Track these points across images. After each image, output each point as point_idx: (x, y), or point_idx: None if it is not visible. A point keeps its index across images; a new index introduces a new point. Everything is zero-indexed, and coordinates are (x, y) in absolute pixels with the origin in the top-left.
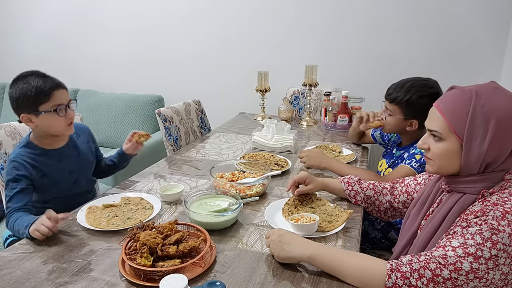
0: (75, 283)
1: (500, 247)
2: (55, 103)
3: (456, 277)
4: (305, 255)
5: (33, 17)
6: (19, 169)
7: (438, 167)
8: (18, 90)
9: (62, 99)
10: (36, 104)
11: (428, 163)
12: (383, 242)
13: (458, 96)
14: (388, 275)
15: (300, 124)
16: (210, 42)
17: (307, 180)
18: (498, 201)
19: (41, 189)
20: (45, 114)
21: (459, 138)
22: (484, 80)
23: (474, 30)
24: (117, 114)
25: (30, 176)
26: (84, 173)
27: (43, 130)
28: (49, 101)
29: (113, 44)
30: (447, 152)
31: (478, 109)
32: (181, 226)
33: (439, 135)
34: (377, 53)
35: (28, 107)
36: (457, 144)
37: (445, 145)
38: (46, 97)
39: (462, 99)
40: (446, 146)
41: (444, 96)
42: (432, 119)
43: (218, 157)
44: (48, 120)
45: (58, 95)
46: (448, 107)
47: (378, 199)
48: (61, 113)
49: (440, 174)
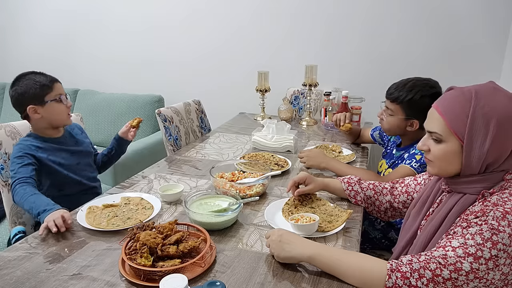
0: (75, 283)
1: (500, 247)
2: (57, 93)
3: (456, 277)
4: (305, 255)
5: (33, 17)
6: (24, 149)
7: (439, 168)
8: (22, 86)
9: (61, 90)
10: (42, 95)
11: (429, 165)
12: (383, 242)
13: (457, 97)
14: (388, 275)
15: (300, 124)
16: (210, 42)
17: (307, 180)
18: (498, 201)
19: (51, 172)
20: (50, 103)
21: (459, 139)
22: (484, 80)
23: (474, 30)
24: (117, 114)
25: (35, 155)
26: (85, 157)
27: (47, 120)
28: (52, 91)
29: (113, 44)
30: (447, 154)
31: (478, 110)
32: (181, 226)
33: (439, 137)
34: (377, 53)
35: (34, 99)
36: (457, 145)
37: (445, 146)
38: (50, 88)
39: (462, 100)
40: (446, 148)
41: (443, 97)
42: (431, 121)
43: (218, 157)
44: (53, 109)
45: (58, 87)
46: (448, 109)
47: (378, 199)
48: (64, 101)
49: (441, 175)
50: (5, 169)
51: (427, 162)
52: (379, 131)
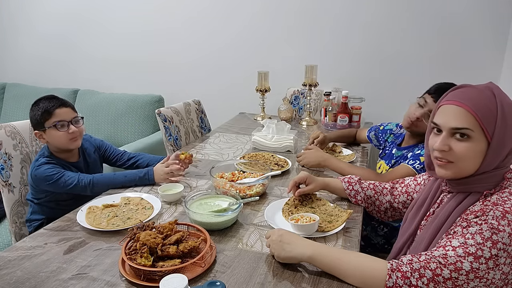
0: (75, 283)
1: (500, 246)
2: (55, 120)
3: (456, 276)
4: (306, 255)
5: (33, 17)
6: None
7: (458, 169)
8: (32, 111)
9: (63, 116)
10: (41, 122)
11: (444, 167)
12: (385, 247)
13: (479, 94)
14: (389, 275)
15: (300, 124)
16: (210, 42)
17: (307, 180)
18: (498, 200)
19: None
20: (49, 129)
21: (488, 137)
22: (484, 80)
23: (474, 30)
24: (117, 114)
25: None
26: None
27: (53, 144)
28: (51, 118)
29: (114, 44)
30: (474, 152)
31: (505, 106)
32: (181, 226)
33: (470, 133)
34: (377, 53)
35: (37, 125)
36: (484, 143)
37: (472, 144)
38: (49, 115)
39: (486, 97)
40: (473, 146)
41: (461, 93)
42: (455, 117)
43: (218, 157)
44: (52, 135)
45: (59, 113)
46: (476, 104)
47: (378, 199)
48: (62, 128)
49: (456, 178)
50: (5, 169)
51: (443, 164)
52: (374, 132)
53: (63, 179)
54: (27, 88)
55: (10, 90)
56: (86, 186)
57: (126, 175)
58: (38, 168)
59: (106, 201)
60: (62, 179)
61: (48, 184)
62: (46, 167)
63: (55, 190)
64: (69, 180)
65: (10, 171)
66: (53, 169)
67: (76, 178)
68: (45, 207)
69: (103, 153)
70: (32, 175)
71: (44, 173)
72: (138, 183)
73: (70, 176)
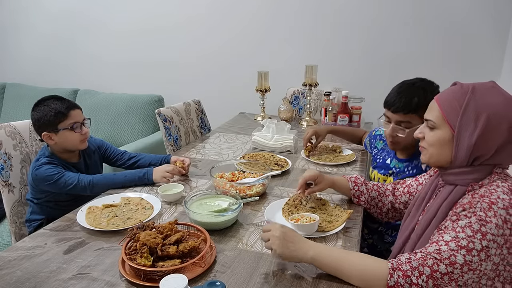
0: (75, 283)
1: (490, 237)
2: (71, 121)
3: (451, 270)
4: (308, 256)
5: (33, 16)
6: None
7: (430, 155)
8: (39, 112)
9: (77, 118)
10: (55, 123)
11: (422, 153)
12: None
13: (456, 90)
14: (390, 274)
15: (300, 124)
16: (210, 42)
17: (318, 178)
18: (485, 193)
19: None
20: (63, 131)
21: (451, 128)
22: (484, 80)
23: (474, 30)
24: (117, 114)
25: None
26: None
27: (61, 146)
28: (66, 119)
29: (113, 44)
30: (439, 141)
31: (471, 103)
32: (181, 226)
33: (433, 124)
34: (377, 53)
35: (48, 126)
36: (449, 134)
37: (438, 133)
38: (64, 116)
39: (459, 93)
40: (438, 135)
41: (445, 90)
42: (430, 110)
43: (218, 157)
44: (65, 137)
45: (74, 114)
46: (445, 99)
47: (381, 201)
48: (77, 130)
49: (433, 164)
50: (5, 169)
51: (421, 150)
52: (369, 138)
53: (63, 179)
54: (27, 88)
55: (10, 90)
56: (86, 187)
57: (126, 175)
58: (38, 168)
59: (106, 201)
60: (62, 179)
61: (48, 184)
62: (47, 167)
63: (55, 190)
64: (69, 180)
65: (10, 171)
66: (54, 169)
67: (76, 178)
68: (45, 207)
69: (104, 153)
70: (32, 175)
71: (44, 173)
72: (138, 182)
73: (70, 176)
